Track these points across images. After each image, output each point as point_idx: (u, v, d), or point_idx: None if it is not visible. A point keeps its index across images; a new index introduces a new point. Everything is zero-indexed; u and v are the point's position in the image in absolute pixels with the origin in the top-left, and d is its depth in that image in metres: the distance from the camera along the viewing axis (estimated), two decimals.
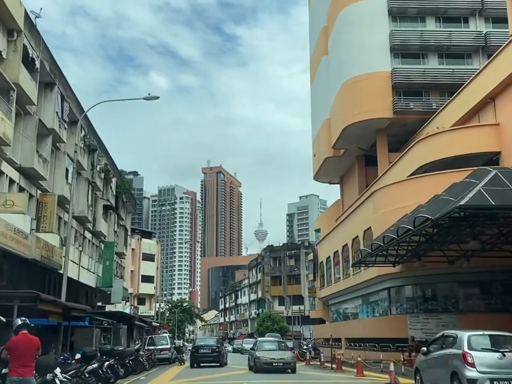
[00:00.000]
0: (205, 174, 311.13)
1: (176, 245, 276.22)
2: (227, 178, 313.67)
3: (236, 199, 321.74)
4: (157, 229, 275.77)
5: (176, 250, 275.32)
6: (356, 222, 35.64)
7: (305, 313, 73.62)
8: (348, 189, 48.13)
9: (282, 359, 23.71)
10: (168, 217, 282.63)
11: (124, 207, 44.55)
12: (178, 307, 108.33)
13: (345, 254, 38.81)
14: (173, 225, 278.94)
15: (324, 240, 47.00)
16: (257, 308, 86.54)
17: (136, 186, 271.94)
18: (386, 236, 22.62)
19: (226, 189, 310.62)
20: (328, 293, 44.31)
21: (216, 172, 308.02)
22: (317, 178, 51.46)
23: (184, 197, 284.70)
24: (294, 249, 79.50)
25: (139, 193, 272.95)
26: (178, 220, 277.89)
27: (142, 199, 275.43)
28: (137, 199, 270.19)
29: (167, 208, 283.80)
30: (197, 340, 35.95)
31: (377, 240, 24.13)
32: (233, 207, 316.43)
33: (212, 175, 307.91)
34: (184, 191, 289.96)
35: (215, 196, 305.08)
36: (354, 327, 34.05)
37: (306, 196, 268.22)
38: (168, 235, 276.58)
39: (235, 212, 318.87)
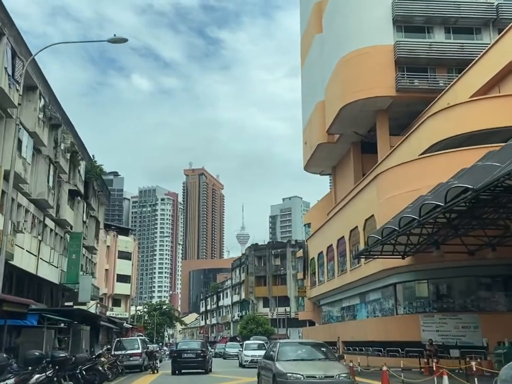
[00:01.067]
0: (187, 176, 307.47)
1: (156, 247, 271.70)
2: (209, 180, 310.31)
3: (218, 201, 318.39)
4: (137, 230, 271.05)
5: (156, 252, 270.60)
6: (355, 212, 31.81)
7: (291, 315, 69.69)
8: (341, 180, 44.32)
9: (330, 377, 11.88)
10: (149, 219, 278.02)
11: (95, 196, 40.12)
12: (157, 310, 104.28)
13: (340, 248, 34.94)
14: (153, 227, 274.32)
15: (316, 235, 43.12)
16: (240, 310, 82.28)
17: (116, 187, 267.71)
18: (404, 217, 18.72)
19: (208, 191, 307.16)
20: (319, 292, 40.40)
21: (198, 174, 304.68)
22: (307, 168, 47.56)
23: (166, 198, 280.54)
24: (280, 248, 75.46)
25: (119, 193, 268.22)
26: (159, 221, 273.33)
27: (122, 200, 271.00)
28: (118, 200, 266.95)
29: (148, 210, 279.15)
30: (180, 343, 32.14)
31: (390, 225, 20.22)
32: (215, 209, 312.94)
33: (194, 177, 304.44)
34: (165, 192, 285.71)
35: (197, 198, 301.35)
36: (353, 329, 30.16)
37: (290, 198, 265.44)
38: (148, 237, 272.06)
39: (217, 214, 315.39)
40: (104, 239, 65.24)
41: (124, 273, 66.21)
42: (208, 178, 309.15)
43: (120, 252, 66.83)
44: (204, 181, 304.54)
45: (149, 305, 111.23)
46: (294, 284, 72.23)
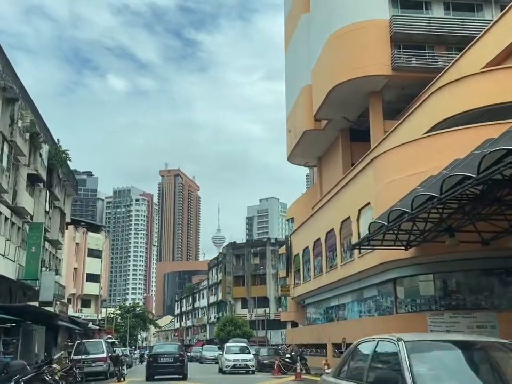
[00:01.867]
0: (162, 176, 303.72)
1: (131, 248, 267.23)
2: (185, 181, 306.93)
3: (194, 203, 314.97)
4: (111, 231, 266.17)
5: (131, 253, 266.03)
6: (346, 201, 28.93)
7: (271, 316, 66.69)
8: (327, 171, 41.46)
9: None
10: (123, 220, 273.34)
11: (60, 184, 36.52)
12: (130, 312, 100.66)
13: (330, 241, 32.02)
14: (128, 228, 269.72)
15: (300, 230, 40.14)
16: (217, 312, 78.89)
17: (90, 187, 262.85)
18: (418, 195, 15.77)
19: (184, 192, 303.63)
20: (305, 290, 37.41)
21: (174, 175, 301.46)
22: (291, 159, 44.60)
23: (141, 198, 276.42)
24: (259, 246, 72.35)
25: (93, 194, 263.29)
26: (134, 222, 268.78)
27: (96, 200, 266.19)
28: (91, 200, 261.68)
29: (122, 210, 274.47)
30: (155, 346, 29.29)
31: (399, 207, 17.28)
32: (191, 211, 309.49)
33: (170, 178, 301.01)
34: (140, 192, 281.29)
35: (173, 199, 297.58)
36: (346, 330, 27.19)
37: (267, 199, 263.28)
38: (123, 238, 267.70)
39: (193, 216, 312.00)
40: (73, 236, 61.35)
41: (94, 272, 62.33)
42: (184, 179, 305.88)
43: (90, 249, 63.00)
44: (179, 182, 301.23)
45: (122, 307, 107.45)
46: (274, 284, 69.28)
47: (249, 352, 25.81)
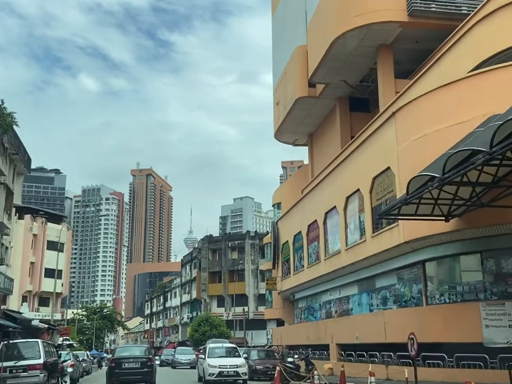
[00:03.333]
0: (134, 176, 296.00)
1: (100, 249, 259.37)
2: (157, 181, 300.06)
3: (166, 203, 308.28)
4: (79, 231, 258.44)
5: (100, 254, 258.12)
6: (354, 172, 23.89)
7: (250, 315, 61.30)
8: (320, 149, 36.35)
9: None
10: (93, 219, 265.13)
11: (5, 156, 30.45)
12: (97, 313, 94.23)
13: (330, 222, 26.92)
14: (97, 228, 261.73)
15: (290, 214, 34.99)
16: (190, 311, 72.99)
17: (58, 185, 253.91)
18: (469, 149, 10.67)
19: (156, 193, 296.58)
20: (296, 282, 32.24)
21: (146, 175, 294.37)
22: (279, 135, 39.31)
23: (111, 198, 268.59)
24: (238, 240, 66.70)
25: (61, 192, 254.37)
26: (104, 222, 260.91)
27: (64, 199, 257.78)
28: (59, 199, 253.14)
29: (92, 210, 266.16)
30: (118, 349, 24.14)
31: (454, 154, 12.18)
32: (163, 211, 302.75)
33: (142, 177, 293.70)
34: (110, 192, 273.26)
35: (144, 199, 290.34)
36: (358, 327, 21.96)
37: (241, 198, 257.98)
38: (91, 238, 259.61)
39: (165, 216, 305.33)
40: (30, 226, 54.95)
41: (54, 267, 55.91)
42: (156, 179, 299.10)
43: (50, 242, 56.44)
44: (151, 182, 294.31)
45: (88, 308, 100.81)
46: (254, 280, 63.97)
47: (240, 356, 20.42)
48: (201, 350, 39.04)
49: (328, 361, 23.69)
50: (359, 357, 21.37)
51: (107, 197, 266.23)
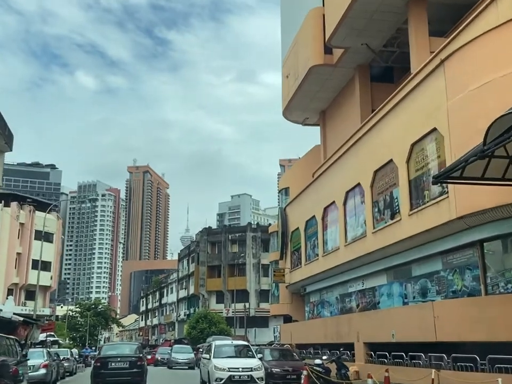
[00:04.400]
0: (130, 173, 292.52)
1: (95, 245, 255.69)
2: (154, 178, 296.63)
3: (163, 200, 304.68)
4: (75, 228, 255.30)
5: (95, 251, 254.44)
6: (384, 141, 20.38)
7: (251, 312, 57.75)
8: (334, 127, 32.79)
9: None
10: (88, 215, 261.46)
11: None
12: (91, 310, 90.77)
13: (352, 203, 23.38)
14: (93, 224, 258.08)
15: (301, 198, 31.43)
16: (188, 307, 69.28)
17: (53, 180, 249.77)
18: None
19: (153, 190, 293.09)
20: (309, 273, 28.67)
21: (143, 172, 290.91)
22: (287, 112, 35.70)
23: (107, 194, 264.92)
24: (238, 232, 63.02)
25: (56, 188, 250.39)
26: (100, 218, 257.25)
27: (59, 194, 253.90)
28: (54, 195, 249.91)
29: (87, 206, 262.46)
30: (105, 347, 21.32)
31: None
32: (159, 208, 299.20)
33: (138, 174, 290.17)
34: (107, 188, 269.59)
35: (141, 196, 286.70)
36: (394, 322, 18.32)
37: (239, 195, 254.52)
38: (87, 234, 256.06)
39: (161, 214, 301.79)
40: (17, 214, 51.34)
41: (42, 258, 52.28)
42: (153, 176, 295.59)
43: (38, 231, 52.63)
44: (148, 179, 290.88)
45: (82, 305, 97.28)
46: (255, 274, 60.38)
47: (253, 356, 16.66)
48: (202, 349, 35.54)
49: (352, 363, 20.10)
50: (395, 359, 17.75)
51: (103, 193, 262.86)
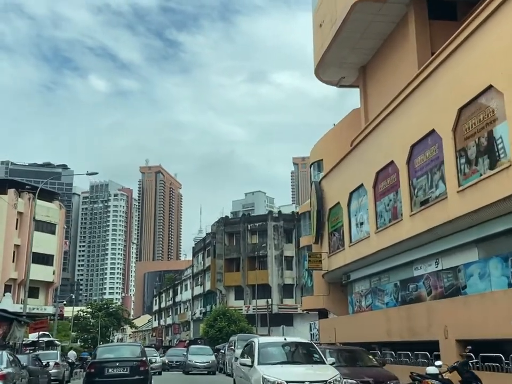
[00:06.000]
0: (143, 173, 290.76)
1: (108, 246, 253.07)
2: (167, 178, 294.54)
3: (175, 201, 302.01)
4: (87, 228, 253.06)
5: (108, 251, 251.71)
6: (471, 70, 14.91)
7: (274, 309, 52.44)
8: (379, 83, 27.35)
9: None
10: (101, 216, 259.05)
11: None
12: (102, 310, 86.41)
13: (424, 155, 17.94)
14: (105, 224, 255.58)
15: (342, 166, 26.08)
16: (203, 305, 64.06)
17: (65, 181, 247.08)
18: None
19: (165, 190, 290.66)
20: (355, 256, 23.24)
21: (155, 172, 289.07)
22: (320, 71, 30.19)
23: (119, 193, 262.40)
24: (258, 222, 57.74)
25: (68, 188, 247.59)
26: (112, 218, 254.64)
27: (71, 195, 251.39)
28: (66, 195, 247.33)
29: (100, 206, 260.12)
30: (100, 349, 17.08)
31: None
32: (172, 209, 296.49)
33: (151, 174, 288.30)
34: (119, 187, 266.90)
35: (153, 197, 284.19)
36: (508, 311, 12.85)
37: (253, 193, 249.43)
38: (100, 235, 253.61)
39: (174, 214, 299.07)
40: (14, 202, 46.45)
41: (44, 251, 47.49)
42: (166, 176, 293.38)
43: (39, 222, 47.58)
44: (161, 179, 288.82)
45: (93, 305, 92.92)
46: (278, 267, 55.03)
47: (323, 360, 11.12)
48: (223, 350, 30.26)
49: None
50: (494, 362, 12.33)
51: (115, 193, 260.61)
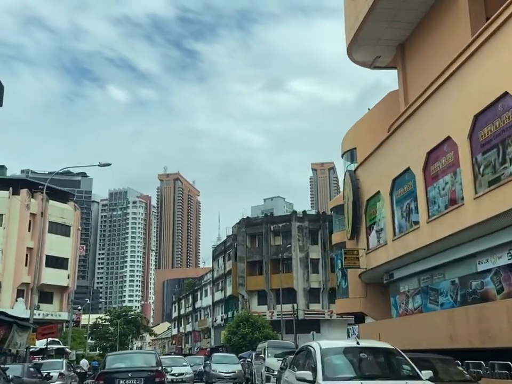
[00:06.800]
0: (161, 181, 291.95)
1: (127, 253, 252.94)
2: (185, 186, 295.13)
3: (194, 208, 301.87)
4: (106, 236, 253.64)
5: (127, 259, 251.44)
6: None
7: (300, 314, 49.53)
8: (420, 62, 24.53)
9: None
10: (120, 223, 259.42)
11: None
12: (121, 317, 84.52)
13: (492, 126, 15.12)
14: (124, 232, 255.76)
15: (382, 152, 23.27)
16: (225, 311, 61.37)
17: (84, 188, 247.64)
18: None
19: (184, 197, 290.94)
20: (400, 251, 20.34)
21: (173, 179, 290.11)
22: (353, 50, 27.32)
23: (138, 201, 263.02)
24: (282, 222, 55.01)
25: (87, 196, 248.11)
26: (131, 225, 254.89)
27: (90, 203, 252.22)
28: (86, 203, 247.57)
29: (119, 213, 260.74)
30: (110, 357, 14.87)
31: None
32: (191, 216, 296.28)
33: (169, 182, 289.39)
34: (137, 195, 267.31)
35: (172, 204, 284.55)
36: None
37: (272, 198, 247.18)
38: (119, 242, 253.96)
39: (193, 221, 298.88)
40: (27, 203, 44.39)
41: (58, 254, 45.39)
42: (184, 183, 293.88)
43: (53, 223, 45.73)
44: (179, 186, 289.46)
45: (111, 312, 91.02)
46: (303, 270, 52.17)
47: (418, 376, 7.96)
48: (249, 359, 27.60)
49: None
50: None
51: (134, 200, 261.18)
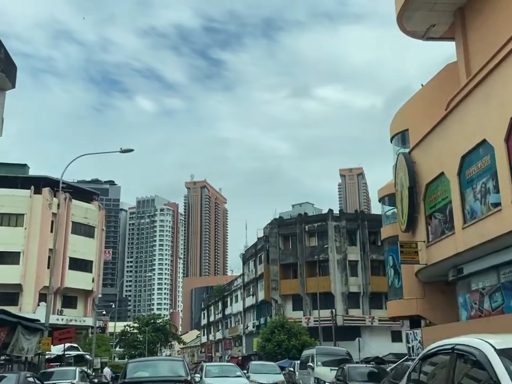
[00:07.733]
0: (188, 188, 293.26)
1: (155, 261, 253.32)
2: (212, 193, 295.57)
3: (221, 215, 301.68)
4: (134, 244, 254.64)
5: (155, 267, 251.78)
6: None
7: (338, 320, 46.13)
8: (483, 27, 21.30)
9: None
10: (147, 231, 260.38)
11: None
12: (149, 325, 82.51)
13: None
14: (152, 239, 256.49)
15: (446, 126, 20.01)
16: (257, 317, 58.25)
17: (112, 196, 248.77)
18: None
19: (211, 205, 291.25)
20: (474, 240, 17.02)
21: (200, 187, 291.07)
22: (404, 19, 24.06)
23: (165, 208, 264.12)
24: (318, 222, 51.76)
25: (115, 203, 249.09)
26: (159, 233, 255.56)
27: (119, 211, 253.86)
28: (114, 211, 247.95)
29: (146, 221, 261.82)
30: (131, 365, 12.38)
31: None
32: (218, 223, 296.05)
33: (196, 189, 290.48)
34: (165, 202, 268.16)
35: (199, 212, 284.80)
36: None
37: (300, 204, 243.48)
38: (147, 250, 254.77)
39: (220, 229, 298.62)
40: (49, 202, 42.14)
41: (82, 257, 43.02)
42: (211, 191, 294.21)
43: (76, 223, 43.41)
44: (206, 194, 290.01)
45: (140, 320, 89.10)
46: (341, 273, 48.77)
47: None
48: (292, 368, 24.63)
49: None
50: None
51: (161, 208, 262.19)
